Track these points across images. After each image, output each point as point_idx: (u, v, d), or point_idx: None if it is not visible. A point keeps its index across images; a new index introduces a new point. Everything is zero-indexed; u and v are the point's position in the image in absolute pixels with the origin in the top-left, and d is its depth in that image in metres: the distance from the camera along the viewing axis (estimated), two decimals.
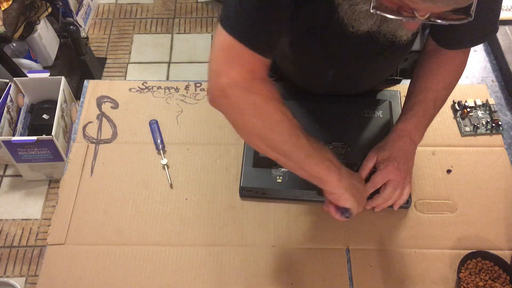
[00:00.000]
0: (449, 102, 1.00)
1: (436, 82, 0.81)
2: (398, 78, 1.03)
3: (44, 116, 1.80)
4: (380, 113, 0.93)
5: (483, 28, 0.76)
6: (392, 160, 0.78)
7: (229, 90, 0.64)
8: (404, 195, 0.80)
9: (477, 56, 1.10)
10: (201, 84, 1.02)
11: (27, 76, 1.72)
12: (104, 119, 0.97)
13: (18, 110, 1.74)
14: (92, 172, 0.90)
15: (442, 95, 0.82)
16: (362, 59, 0.83)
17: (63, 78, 1.74)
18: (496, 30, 0.77)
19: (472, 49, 1.10)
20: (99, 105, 0.99)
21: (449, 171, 0.89)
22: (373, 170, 0.81)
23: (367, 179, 0.80)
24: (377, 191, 0.79)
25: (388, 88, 1.00)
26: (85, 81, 1.03)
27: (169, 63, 2.24)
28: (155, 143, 0.93)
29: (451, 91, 0.83)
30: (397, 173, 0.78)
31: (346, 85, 0.93)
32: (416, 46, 1.30)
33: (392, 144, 0.80)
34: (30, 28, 1.86)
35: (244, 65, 0.63)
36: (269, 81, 0.66)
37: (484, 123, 0.96)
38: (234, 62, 0.64)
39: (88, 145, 0.94)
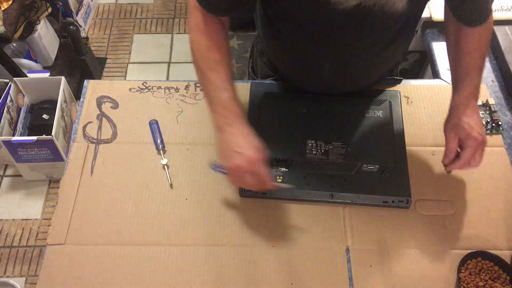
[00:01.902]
0: (449, 102, 0.99)
1: (472, 51, 0.82)
2: (398, 78, 1.03)
3: (44, 116, 1.80)
4: (380, 113, 0.93)
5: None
6: (474, 132, 0.79)
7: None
8: (482, 157, 0.82)
9: None
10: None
11: (27, 76, 1.72)
12: (104, 119, 0.97)
13: (18, 110, 1.74)
14: (92, 172, 0.90)
15: (482, 55, 0.83)
16: (358, 50, 0.82)
17: (63, 78, 1.74)
18: None
19: None
20: (99, 105, 0.99)
21: (449, 171, 0.89)
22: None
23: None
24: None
25: (388, 88, 1.00)
26: (85, 81, 1.03)
27: (169, 63, 2.24)
28: (155, 143, 0.93)
29: (487, 45, 0.84)
30: (483, 139, 0.79)
31: (343, 80, 0.93)
32: (416, 46, 1.31)
33: (465, 117, 0.80)
34: (30, 28, 1.86)
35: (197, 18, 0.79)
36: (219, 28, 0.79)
37: (484, 123, 0.96)
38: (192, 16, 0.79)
39: (88, 145, 0.94)
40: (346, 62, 0.86)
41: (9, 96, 1.65)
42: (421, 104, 0.99)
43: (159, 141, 0.93)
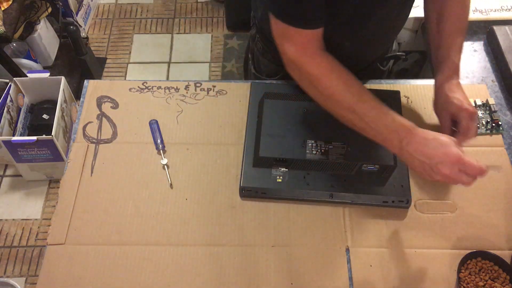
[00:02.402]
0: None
1: (449, 25, 0.85)
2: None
3: (44, 116, 1.80)
4: None
5: None
6: (464, 103, 0.80)
7: (292, 63, 0.81)
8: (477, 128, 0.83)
9: (477, 56, 1.10)
10: (201, 84, 1.02)
11: (27, 76, 1.72)
12: (104, 119, 0.97)
13: (18, 110, 1.74)
14: (92, 172, 0.90)
15: (462, 24, 0.86)
16: (378, 20, 0.84)
17: (63, 78, 1.74)
18: None
19: (472, 49, 1.11)
20: (99, 105, 0.99)
21: None
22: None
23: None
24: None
25: (388, 88, 1.00)
26: (85, 81, 1.03)
27: (169, 63, 2.24)
28: (155, 143, 0.93)
29: (467, 16, 0.87)
30: (473, 109, 0.80)
31: (364, 52, 0.95)
32: (416, 46, 1.31)
33: (451, 92, 0.82)
34: (30, 28, 1.86)
35: (295, 42, 0.79)
36: (324, 52, 0.80)
37: (484, 123, 0.96)
38: (287, 41, 0.80)
39: (88, 145, 0.94)
40: (367, 37, 0.88)
41: (9, 96, 1.65)
42: (421, 104, 0.99)
43: (159, 141, 0.93)
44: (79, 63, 2.03)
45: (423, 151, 0.71)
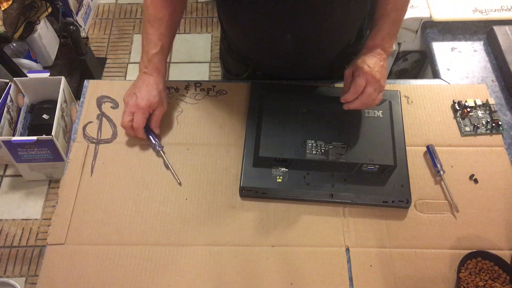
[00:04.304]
0: (449, 102, 1.00)
1: None
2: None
3: (44, 116, 1.80)
4: (380, 113, 0.93)
5: None
6: (365, 65, 0.83)
7: None
8: (378, 98, 0.85)
9: (477, 56, 1.10)
10: (201, 84, 1.02)
11: (27, 76, 1.72)
12: (104, 119, 0.97)
13: (18, 110, 1.74)
14: (92, 172, 0.90)
15: (396, 8, 0.86)
16: (318, 11, 0.82)
17: (63, 78, 1.74)
18: None
19: (472, 49, 1.11)
20: (99, 105, 0.99)
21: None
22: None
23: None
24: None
25: (388, 88, 1.00)
26: (85, 81, 1.03)
27: (169, 63, 2.24)
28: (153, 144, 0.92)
29: None
30: (373, 74, 0.82)
31: (308, 49, 0.92)
32: (416, 46, 1.31)
33: (363, 56, 0.85)
34: (30, 28, 1.87)
35: None
36: None
37: (484, 123, 0.96)
38: None
39: (88, 145, 0.94)
40: (308, 30, 0.86)
41: (9, 96, 1.65)
42: (421, 104, 1.00)
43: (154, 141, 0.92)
44: (79, 63, 2.03)
45: (141, 84, 0.90)
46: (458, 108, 0.98)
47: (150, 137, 0.92)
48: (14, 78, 1.70)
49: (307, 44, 0.90)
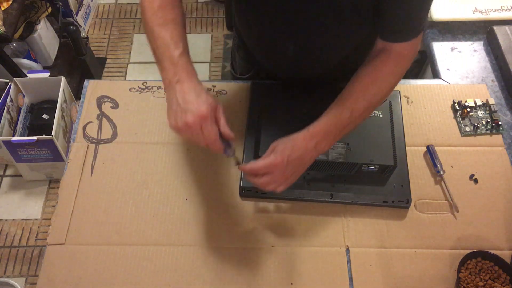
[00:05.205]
0: (449, 102, 1.00)
1: (363, 90, 0.77)
2: None
3: (44, 116, 1.80)
4: (380, 113, 0.92)
5: (412, 25, 0.74)
6: (284, 154, 0.71)
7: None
8: (271, 188, 0.73)
9: (477, 56, 1.10)
10: None
11: (27, 76, 1.72)
12: (104, 119, 0.97)
13: (18, 110, 1.74)
14: (92, 172, 0.90)
15: (361, 106, 0.77)
16: (319, 26, 0.80)
17: (63, 78, 1.74)
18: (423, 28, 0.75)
19: (472, 49, 1.11)
20: (99, 105, 0.99)
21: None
22: None
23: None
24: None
25: None
26: (85, 81, 1.03)
27: None
28: None
29: (382, 97, 0.78)
30: (282, 170, 0.71)
31: (310, 60, 0.92)
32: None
33: (295, 140, 0.74)
34: (30, 28, 1.86)
35: None
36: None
37: (484, 123, 0.96)
38: None
39: (88, 145, 0.94)
40: (308, 41, 0.86)
41: (9, 96, 1.65)
42: (421, 104, 0.99)
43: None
44: (79, 63, 2.03)
45: (184, 95, 0.69)
46: (458, 108, 0.98)
47: (225, 144, 0.72)
48: (14, 78, 1.70)
49: (307, 55, 0.91)
